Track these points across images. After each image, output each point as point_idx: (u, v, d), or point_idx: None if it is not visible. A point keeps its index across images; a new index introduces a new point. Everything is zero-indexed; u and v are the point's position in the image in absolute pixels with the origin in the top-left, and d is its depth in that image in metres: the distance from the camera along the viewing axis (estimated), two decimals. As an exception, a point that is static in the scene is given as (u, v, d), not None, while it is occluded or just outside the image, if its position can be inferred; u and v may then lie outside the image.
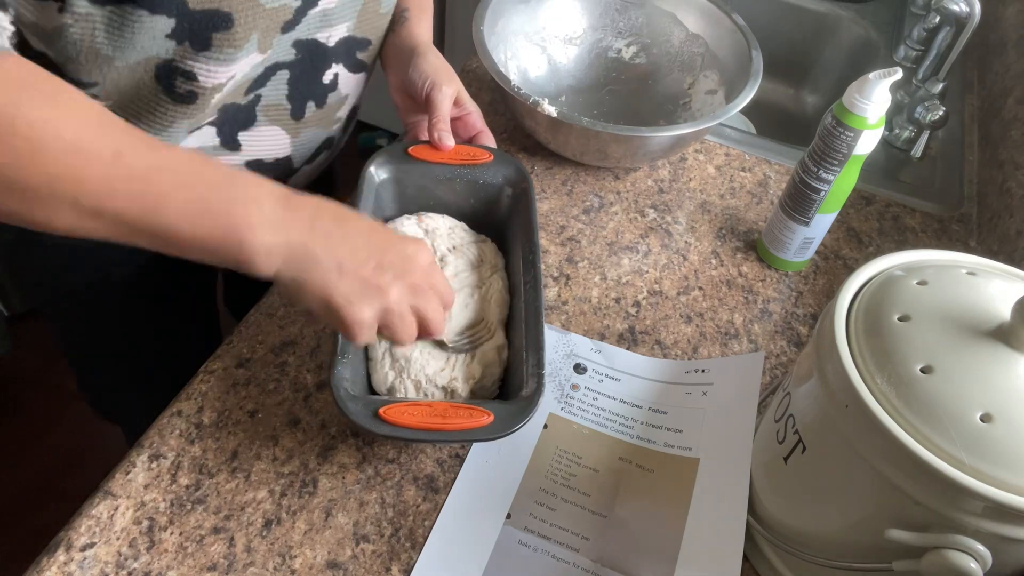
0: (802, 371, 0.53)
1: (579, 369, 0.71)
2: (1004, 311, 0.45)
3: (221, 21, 0.56)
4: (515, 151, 0.92)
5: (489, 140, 0.77)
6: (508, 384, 0.64)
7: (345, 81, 0.74)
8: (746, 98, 0.84)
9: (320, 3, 0.64)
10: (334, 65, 0.71)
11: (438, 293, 0.57)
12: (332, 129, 0.78)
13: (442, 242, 0.72)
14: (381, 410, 0.55)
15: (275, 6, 0.59)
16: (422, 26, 0.76)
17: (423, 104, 0.72)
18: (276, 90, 0.68)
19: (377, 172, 0.71)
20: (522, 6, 0.96)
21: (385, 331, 0.56)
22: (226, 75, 0.60)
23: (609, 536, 0.59)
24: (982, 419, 0.42)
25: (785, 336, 0.76)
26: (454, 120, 0.74)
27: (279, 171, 0.75)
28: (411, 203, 0.74)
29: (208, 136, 0.67)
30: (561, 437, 0.66)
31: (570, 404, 0.68)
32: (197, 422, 0.63)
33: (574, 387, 0.69)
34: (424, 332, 0.57)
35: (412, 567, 0.57)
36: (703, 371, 0.70)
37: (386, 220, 0.74)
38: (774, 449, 0.55)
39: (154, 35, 0.55)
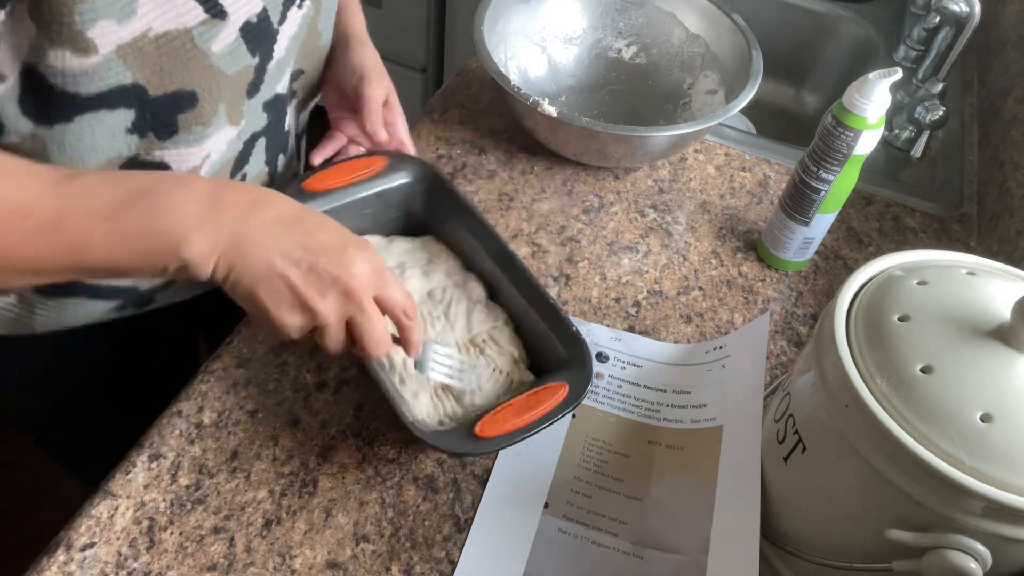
0: (802, 371, 0.53)
1: (601, 357, 0.72)
2: (1004, 311, 0.45)
3: (185, 101, 0.52)
4: (515, 151, 0.92)
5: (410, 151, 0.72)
6: (541, 360, 0.66)
7: (290, 115, 0.70)
8: (746, 98, 0.84)
9: (275, 55, 0.59)
10: (289, 108, 0.68)
11: (388, 304, 0.54)
12: (291, 165, 0.76)
13: (389, 261, 0.70)
14: (476, 430, 0.56)
15: (237, 70, 0.55)
16: (356, 18, 0.72)
17: (351, 97, 0.68)
18: (257, 161, 0.66)
19: None
20: (522, 6, 0.96)
21: (315, 336, 0.53)
22: (199, 155, 0.57)
23: (646, 518, 0.60)
24: (982, 419, 0.42)
25: (785, 336, 0.76)
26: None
27: None
28: None
29: None
30: (589, 425, 0.67)
31: (596, 392, 0.69)
32: (197, 422, 0.63)
33: (598, 376, 0.70)
34: (360, 349, 0.54)
35: (413, 566, 0.57)
36: (720, 347, 0.71)
37: None
38: (774, 449, 0.55)
39: (113, 133, 0.52)
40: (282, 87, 0.65)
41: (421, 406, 0.62)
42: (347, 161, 0.70)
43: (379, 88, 0.67)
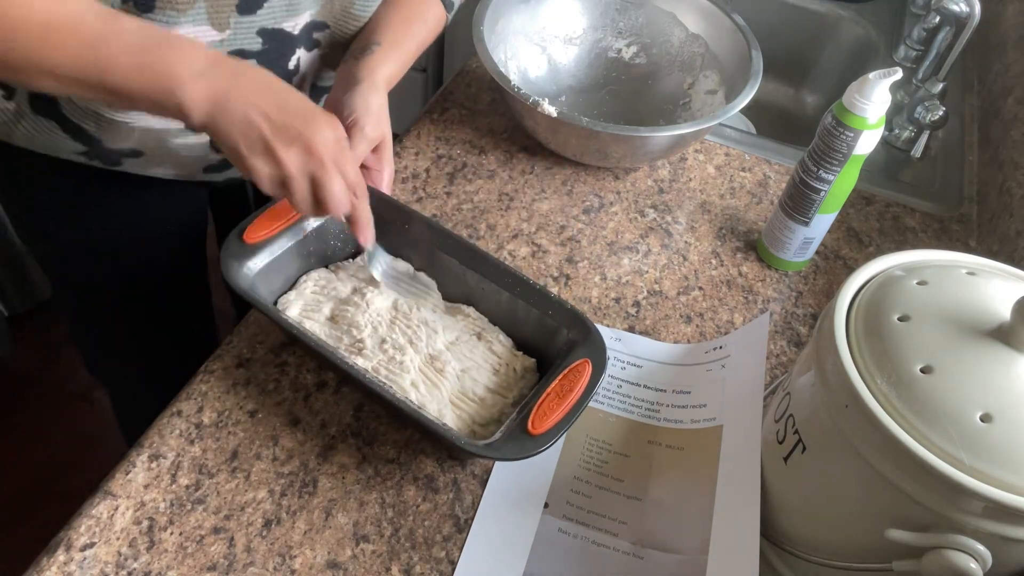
0: (802, 371, 0.53)
1: None
2: (1004, 311, 0.45)
3: None
4: (515, 151, 0.92)
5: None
6: (543, 345, 0.67)
7: (305, 62, 0.74)
8: (746, 98, 0.84)
9: None
10: (297, 50, 0.71)
11: (342, 172, 0.60)
12: None
13: (343, 290, 0.70)
14: (530, 428, 0.57)
15: None
16: (385, 66, 0.71)
17: None
18: None
19: (237, 278, 0.64)
20: (522, 6, 0.96)
21: (285, 193, 0.60)
22: None
23: (646, 518, 0.61)
24: (982, 419, 0.42)
25: (785, 336, 0.76)
26: (363, 170, 0.69)
27: None
28: (293, 274, 0.70)
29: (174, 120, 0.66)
30: (589, 426, 0.67)
31: (595, 392, 0.68)
32: (197, 422, 0.63)
33: None
34: (322, 206, 0.60)
35: (413, 566, 0.57)
36: (720, 347, 0.71)
37: (275, 301, 0.68)
38: (774, 449, 0.55)
39: None
40: (292, 27, 0.68)
41: (448, 421, 0.62)
42: (274, 207, 0.68)
43: (371, 132, 0.66)
